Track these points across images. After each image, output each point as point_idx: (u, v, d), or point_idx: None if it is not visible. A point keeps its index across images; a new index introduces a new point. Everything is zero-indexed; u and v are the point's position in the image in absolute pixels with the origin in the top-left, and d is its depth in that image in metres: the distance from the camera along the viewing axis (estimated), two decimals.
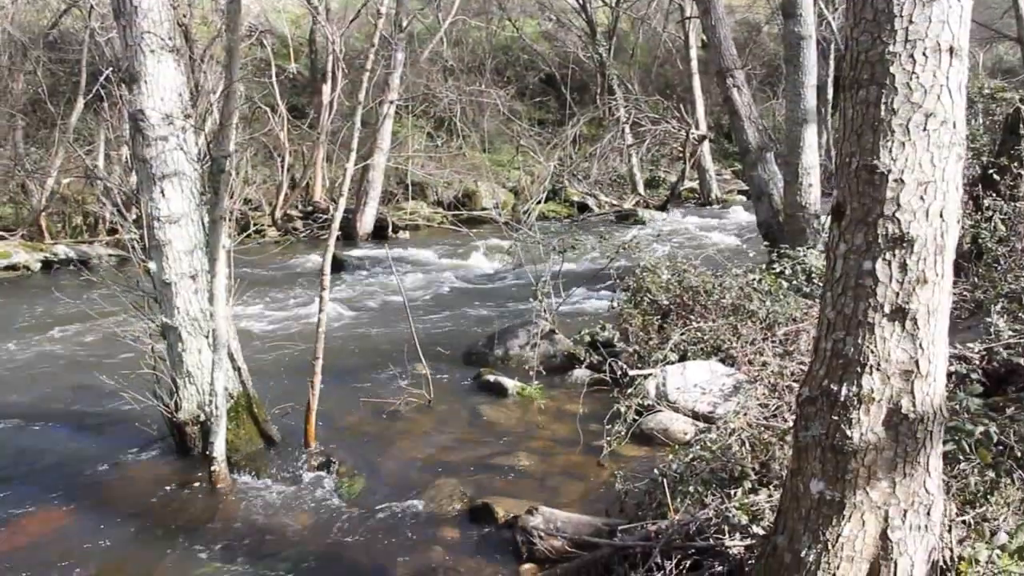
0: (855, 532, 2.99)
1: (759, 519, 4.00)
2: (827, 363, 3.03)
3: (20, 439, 6.57)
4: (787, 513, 3.25)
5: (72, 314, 10.05)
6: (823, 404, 3.03)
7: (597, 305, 9.74)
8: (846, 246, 2.92)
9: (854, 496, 2.97)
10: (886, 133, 2.77)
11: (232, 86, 5.10)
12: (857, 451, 2.95)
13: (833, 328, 2.99)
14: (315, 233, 17.59)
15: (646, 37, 27.39)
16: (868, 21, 2.79)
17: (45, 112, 17.05)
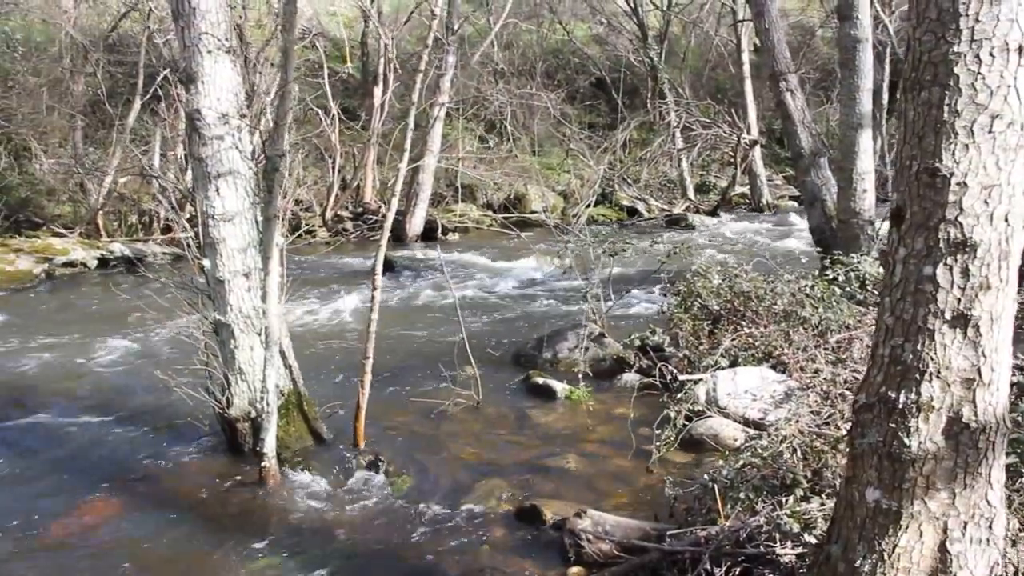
0: (912, 543, 2.94)
1: (811, 527, 3.94)
2: (885, 369, 2.98)
3: (77, 431, 6.70)
4: (841, 522, 3.20)
5: (127, 310, 10.22)
6: (880, 411, 2.98)
7: (646, 309, 9.69)
8: (906, 250, 2.86)
9: (911, 506, 2.92)
10: (949, 135, 2.71)
11: (287, 86, 5.15)
12: (915, 460, 2.89)
13: (891, 334, 2.94)
14: (365, 234, 17.70)
15: (698, 41, 27.18)
16: (932, 20, 2.73)
17: (104, 113, 17.39)
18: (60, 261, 14.43)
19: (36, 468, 6.04)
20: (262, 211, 5.50)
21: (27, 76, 17.50)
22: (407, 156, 5.82)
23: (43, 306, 11.77)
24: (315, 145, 18.04)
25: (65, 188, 16.94)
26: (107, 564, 4.65)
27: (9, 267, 13.78)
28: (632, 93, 24.66)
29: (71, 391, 7.68)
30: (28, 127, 17.08)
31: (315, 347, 8.29)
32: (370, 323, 5.89)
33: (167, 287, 6.31)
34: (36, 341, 9.36)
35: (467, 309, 7.53)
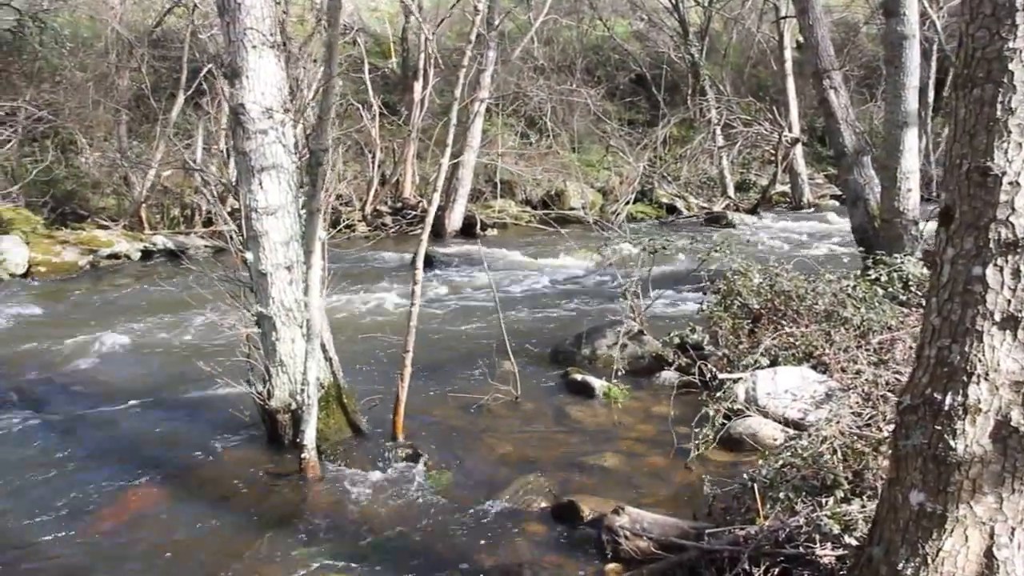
0: (957, 547, 2.90)
1: (852, 529, 3.91)
2: (931, 371, 2.94)
3: (122, 420, 6.81)
4: (883, 524, 3.17)
5: (170, 302, 10.38)
6: (925, 413, 2.94)
7: (685, 308, 9.65)
8: (954, 250, 2.83)
9: (957, 510, 2.88)
10: (1001, 133, 2.67)
11: (331, 81, 5.19)
12: (961, 463, 2.85)
13: (938, 335, 2.90)
14: (404, 229, 17.80)
15: (739, 37, 26.98)
16: (986, 16, 2.68)
17: (148, 107, 17.62)
18: (104, 253, 14.67)
19: (83, 456, 6.13)
20: (305, 205, 5.54)
21: (74, 71, 17.78)
22: (449, 151, 5.84)
23: (88, 297, 11.95)
24: (355, 140, 18.16)
25: (110, 181, 17.20)
26: (151, 552, 4.72)
27: (56, 258, 14.03)
28: (672, 90, 24.53)
29: (116, 381, 7.80)
30: (75, 121, 17.36)
31: (354, 340, 8.34)
32: (410, 317, 5.92)
33: (210, 279, 6.38)
34: (81, 331, 9.52)
35: (505, 305, 7.54)
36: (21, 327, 9.97)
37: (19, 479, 5.72)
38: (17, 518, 5.15)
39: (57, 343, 9.08)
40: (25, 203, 15.63)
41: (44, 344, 9.05)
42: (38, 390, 7.57)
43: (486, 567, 4.35)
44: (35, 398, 7.32)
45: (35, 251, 13.94)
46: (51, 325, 9.97)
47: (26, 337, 9.37)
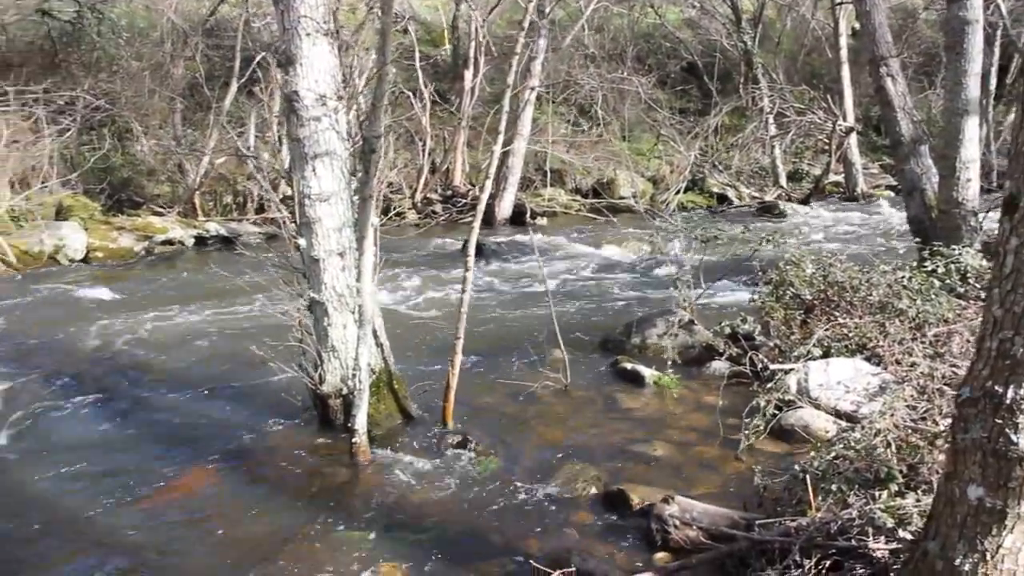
0: (1018, 545, 2.85)
1: (906, 523, 3.87)
2: (991, 363, 2.88)
3: (177, 403, 6.95)
4: (940, 518, 3.12)
5: (224, 288, 10.51)
6: (985, 406, 2.89)
7: (736, 298, 9.56)
8: (1018, 240, 2.77)
9: (1018, 506, 2.83)
10: None
11: (384, 68, 5.22)
12: (1023, 458, 2.80)
13: (1000, 327, 2.85)
14: (453, 217, 17.84)
15: (793, 24, 26.56)
16: None
17: (202, 95, 17.85)
18: (159, 239, 14.91)
19: (140, 437, 6.29)
20: (358, 191, 5.59)
21: (130, 61, 18.08)
22: (501, 139, 5.85)
23: (144, 282, 12.17)
24: (406, 128, 18.24)
25: (164, 169, 17.48)
26: (205, 530, 4.83)
27: (112, 244, 14.30)
28: (724, 78, 24.25)
29: (171, 364, 7.95)
30: (131, 110, 17.65)
31: (404, 327, 8.41)
32: (462, 304, 5.95)
33: (263, 265, 6.46)
34: (137, 316, 9.72)
35: (555, 293, 7.55)
36: (81, 311, 10.19)
37: (80, 458, 5.87)
38: (79, 495, 5.30)
39: (115, 327, 9.28)
40: (83, 190, 15.95)
41: (102, 328, 9.25)
42: (97, 373, 7.74)
43: (534, 553, 4.37)
44: (95, 381, 7.49)
45: (93, 237, 14.23)
46: (109, 309, 10.18)
47: (85, 321, 9.58)
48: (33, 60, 17.54)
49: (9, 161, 14.36)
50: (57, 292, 11.18)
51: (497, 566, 4.36)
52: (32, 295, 11.07)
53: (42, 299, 10.87)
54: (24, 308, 10.42)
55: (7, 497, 5.30)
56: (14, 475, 5.64)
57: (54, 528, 4.90)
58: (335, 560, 4.46)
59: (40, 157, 15.04)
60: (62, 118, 15.75)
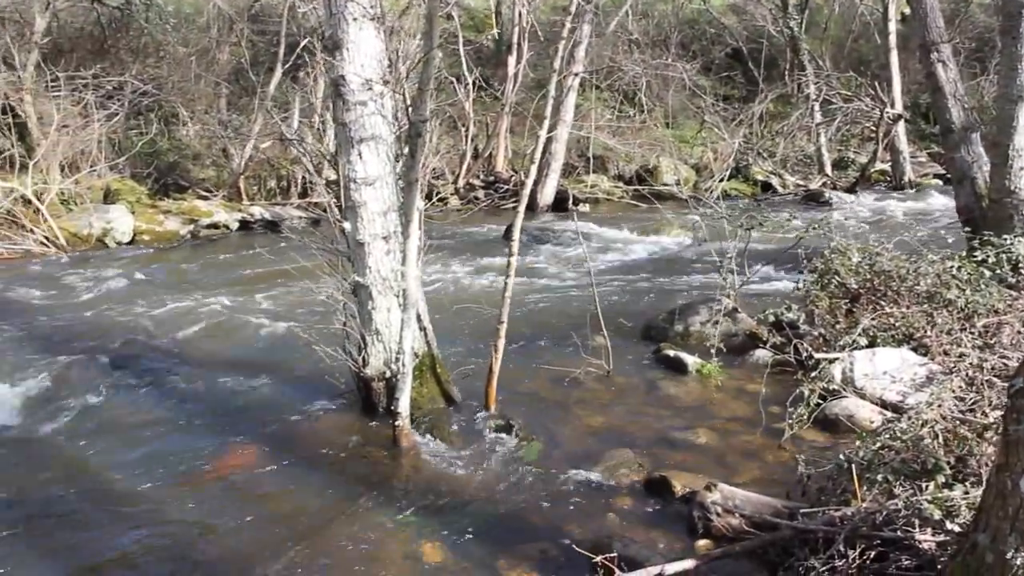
0: None
1: (954, 515, 3.82)
2: None
3: (222, 384, 7.04)
4: (990, 511, 3.08)
5: (268, 271, 10.66)
6: None
7: (780, 286, 9.47)
8: None
9: None
10: None
11: (431, 52, 5.22)
12: None
13: None
14: (496, 203, 17.87)
15: (841, 10, 26.18)
16: None
17: (247, 80, 18.06)
18: (204, 223, 15.11)
19: (184, 417, 6.38)
20: (404, 175, 5.61)
21: (177, 47, 18.32)
22: (547, 124, 5.84)
23: (189, 265, 12.36)
24: (449, 114, 18.29)
25: (210, 153, 17.71)
26: (247, 510, 4.89)
27: (158, 227, 14.53)
28: (770, 65, 23.99)
29: (216, 346, 8.07)
30: (177, 95, 17.92)
31: (447, 312, 8.43)
32: (505, 289, 5.96)
33: (307, 249, 6.52)
34: (182, 298, 9.86)
35: (597, 279, 7.53)
36: (128, 293, 10.37)
37: (127, 437, 6.00)
38: (126, 473, 5.40)
39: (160, 309, 9.43)
40: (131, 174, 16.21)
41: (148, 310, 9.40)
42: (144, 354, 7.87)
43: (576, 538, 4.38)
44: (141, 361, 7.61)
45: (140, 220, 14.47)
46: (155, 292, 10.34)
47: (132, 303, 9.75)
48: (83, 46, 17.83)
49: (60, 145, 14.64)
50: (105, 274, 11.37)
51: (538, 550, 4.38)
52: (81, 277, 11.27)
53: (90, 281, 11.06)
54: (73, 289, 10.62)
55: (57, 474, 5.41)
56: (64, 452, 5.76)
57: (103, 505, 5.00)
58: (377, 541, 4.51)
59: (89, 141, 15.31)
60: (110, 103, 16.02)
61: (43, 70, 15.73)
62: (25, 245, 12.94)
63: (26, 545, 4.58)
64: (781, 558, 4.06)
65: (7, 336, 8.46)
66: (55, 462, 5.60)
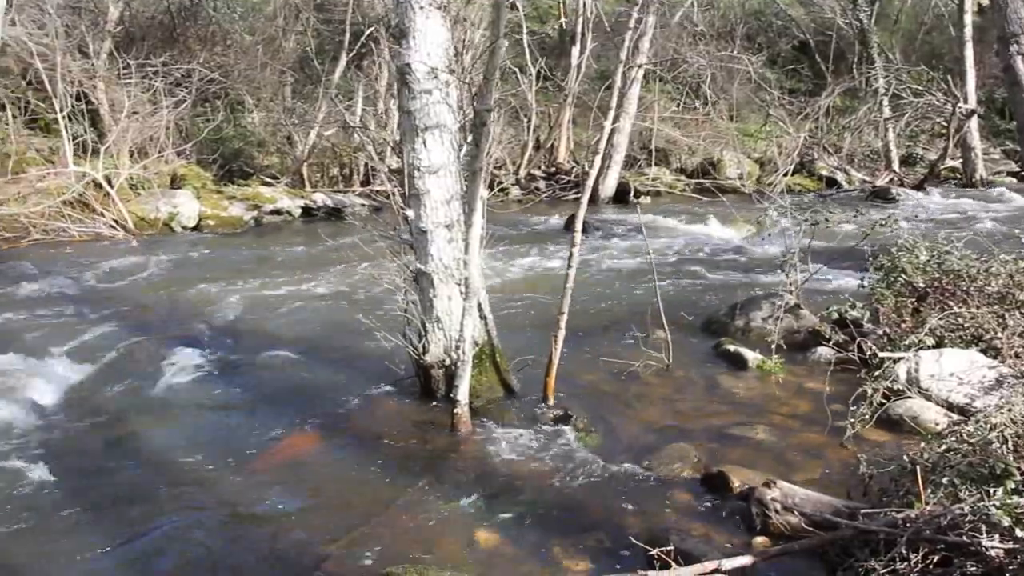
0: None
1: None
2: None
3: (283, 368, 7.16)
4: None
5: (331, 257, 10.79)
6: None
7: (844, 283, 9.30)
8: None
9: None
10: None
11: (498, 41, 5.23)
12: None
13: None
14: (556, 194, 17.87)
15: (913, 1, 25.62)
16: None
17: (311, 69, 18.28)
18: (268, 209, 15.37)
19: (245, 399, 6.51)
20: (468, 164, 5.62)
21: (243, 35, 18.61)
22: (612, 115, 5.81)
23: (253, 250, 12.57)
24: (511, 104, 18.31)
25: (274, 140, 17.97)
26: (306, 493, 4.96)
27: (223, 213, 14.80)
28: (838, 58, 23.57)
29: (278, 330, 8.19)
30: (243, 82, 18.20)
31: (507, 301, 8.46)
32: (567, 279, 5.94)
33: (370, 236, 6.58)
34: (247, 282, 10.04)
35: (658, 273, 7.49)
36: (192, 277, 10.58)
37: (190, 418, 6.14)
38: (186, 453, 5.51)
39: (224, 293, 9.61)
40: (196, 160, 16.52)
41: (212, 293, 9.60)
42: (207, 337, 8.03)
43: (632, 530, 4.36)
44: (205, 344, 7.77)
45: (205, 205, 14.75)
46: (219, 276, 10.53)
47: (196, 286, 9.96)
48: (153, 34, 18.19)
49: (129, 131, 14.96)
50: (171, 257, 11.64)
51: (594, 540, 4.37)
52: (148, 259, 11.53)
53: (157, 264, 11.32)
54: (141, 272, 10.88)
55: (122, 452, 5.55)
56: (130, 432, 5.90)
57: (165, 483, 5.10)
58: (435, 527, 4.54)
59: (157, 128, 15.62)
60: (179, 90, 16.32)
61: (115, 58, 16.12)
62: (96, 228, 13.28)
63: (89, 521, 4.69)
64: (840, 558, 4.00)
65: (77, 316, 8.71)
66: (121, 441, 5.75)
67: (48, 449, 5.53)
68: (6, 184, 13.53)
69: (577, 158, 19.12)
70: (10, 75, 15.46)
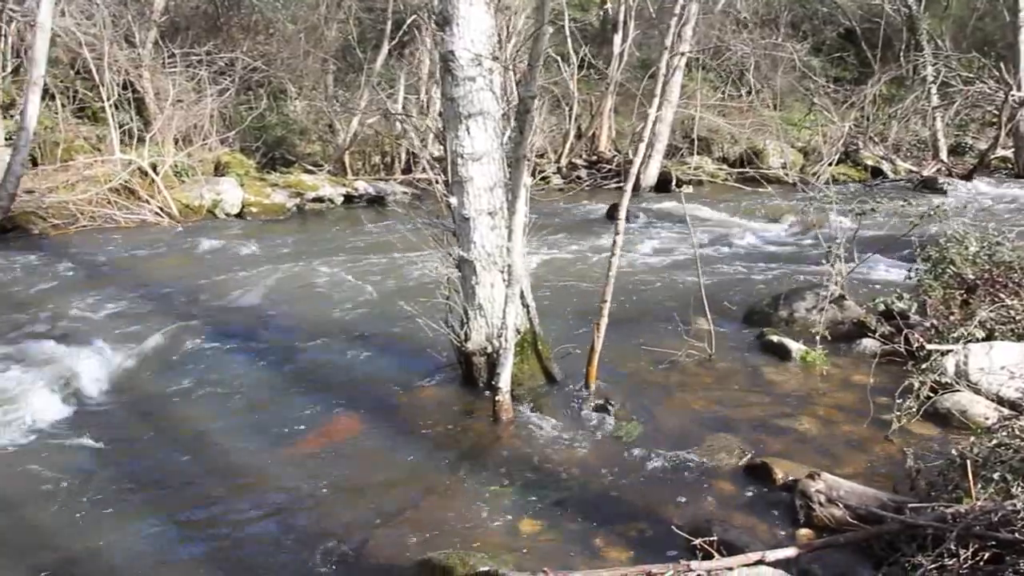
0: None
1: None
2: None
3: (323, 354, 7.22)
4: None
5: (372, 244, 10.86)
6: None
7: (890, 275, 9.19)
8: None
9: None
10: None
11: (542, 28, 5.19)
12: None
13: None
14: (598, 182, 17.78)
15: None
16: None
17: (353, 57, 18.36)
18: (310, 196, 15.50)
19: (288, 384, 6.57)
20: (512, 151, 5.59)
21: (286, 24, 18.72)
22: (656, 103, 5.74)
23: (296, 237, 12.67)
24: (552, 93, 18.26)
25: (316, 128, 18.10)
26: (347, 478, 5.00)
27: (266, 200, 14.93)
28: (885, 45, 23.15)
29: (320, 316, 8.25)
30: (286, 71, 18.34)
31: (549, 289, 8.44)
32: (610, 267, 5.89)
33: (411, 223, 6.58)
34: (288, 268, 10.13)
35: (701, 262, 7.41)
36: (236, 263, 10.70)
37: (232, 402, 6.20)
38: (229, 436, 5.60)
39: (267, 279, 9.71)
40: (240, 148, 16.68)
41: (255, 279, 9.69)
42: (250, 321, 8.12)
43: (674, 520, 4.32)
44: (247, 328, 7.87)
45: (248, 193, 14.89)
46: (262, 262, 10.64)
47: (240, 272, 10.07)
48: (197, 24, 18.37)
49: (174, 119, 15.13)
50: (215, 244, 11.77)
51: (635, 530, 4.35)
52: (192, 246, 11.67)
53: (201, 250, 11.45)
54: (185, 257, 11.02)
55: (166, 434, 5.62)
56: (173, 414, 5.99)
57: (207, 466, 5.18)
58: (475, 513, 4.54)
59: (201, 116, 15.79)
60: (222, 79, 16.50)
61: (160, 47, 16.31)
62: (141, 215, 13.45)
63: (136, 500, 4.77)
64: (887, 553, 3.93)
65: (123, 300, 8.84)
66: (165, 422, 5.83)
67: (94, 430, 5.62)
68: (55, 172, 13.78)
69: (618, 147, 19.02)
70: (59, 65, 15.69)
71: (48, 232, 12.39)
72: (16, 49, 15.91)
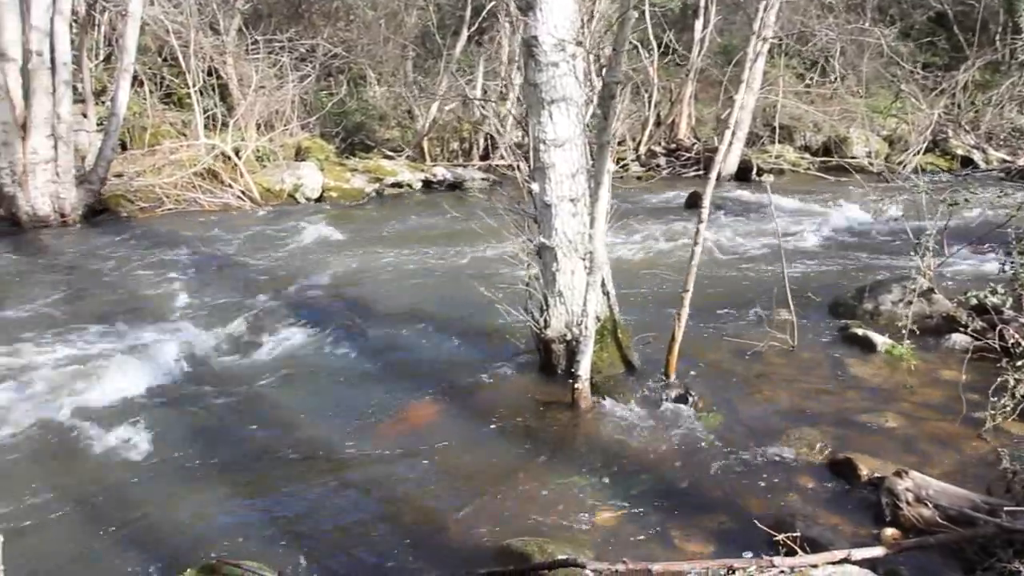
0: None
1: None
2: None
3: (404, 338, 7.26)
4: None
5: (451, 230, 10.87)
6: None
7: (982, 268, 8.86)
8: None
9: None
10: None
11: (627, 12, 5.12)
12: None
13: None
14: (677, 170, 17.57)
15: None
16: None
17: (432, 44, 18.44)
18: (389, 181, 15.63)
19: (368, 370, 6.63)
20: (596, 137, 5.53)
21: (366, 10, 18.88)
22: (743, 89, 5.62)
23: (375, 222, 12.79)
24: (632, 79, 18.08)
25: (395, 114, 18.25)
26: (427, 463, 5.02)
27: (345, 185, 15.11)
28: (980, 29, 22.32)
29: (399, 301, 8.30)
30: (365, 57, 18.52)
31: (629, 277, 8.34)
32: (692, 256, 5.79)
33: (491, 209, 6.56)
34: (367, 253, 10.23)
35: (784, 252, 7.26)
36: (316, 247, 10.85)
37: (315, 387, 6.28)
38: (310, 421, 5.66)
39: (347, 263, 9.82)
40: (320, 133, 16.90)
41: (335, 263, 9.81)
42: (331, 305, 8.22)
43: (755, 514, 4.25)
44: (328, 313, 7.94)
45: (328, 177, 15.09)
46: (342, 246, 10.77)
47: (320, 256, 10.21)
48: (279, 11, 18.65)
49: (256, 105, 15.40)
50: (295, 228, 11.93)
51: (715, 522, 4.29)
52: (274, 229, 11.87)
53: (282, 234, 11.63)
54: (266, 241, 11.20)
55: (248, 417, 5.71)
56: (255, 396, 6.08)
57: (290, 447, 5.25)
58: (553, 501, 4.52)
59: (283, 101, 16.03)
60: (303, 65, 16.72)
61: (244, 34, 16.60)
62: (224, 198, 13.73)
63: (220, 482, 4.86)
64: (980, 557, 3.80)
65: (207, 282, 9.03)
66: (247, 405, 5.92)
67: (178, 411, 5.77)
68: (143, 156, 14.14)
69: (698, 134, 18.75)
70: (148, 52, 16.08)
71: (136, 215, 12.75)
72: (108, 38, 16.37)
